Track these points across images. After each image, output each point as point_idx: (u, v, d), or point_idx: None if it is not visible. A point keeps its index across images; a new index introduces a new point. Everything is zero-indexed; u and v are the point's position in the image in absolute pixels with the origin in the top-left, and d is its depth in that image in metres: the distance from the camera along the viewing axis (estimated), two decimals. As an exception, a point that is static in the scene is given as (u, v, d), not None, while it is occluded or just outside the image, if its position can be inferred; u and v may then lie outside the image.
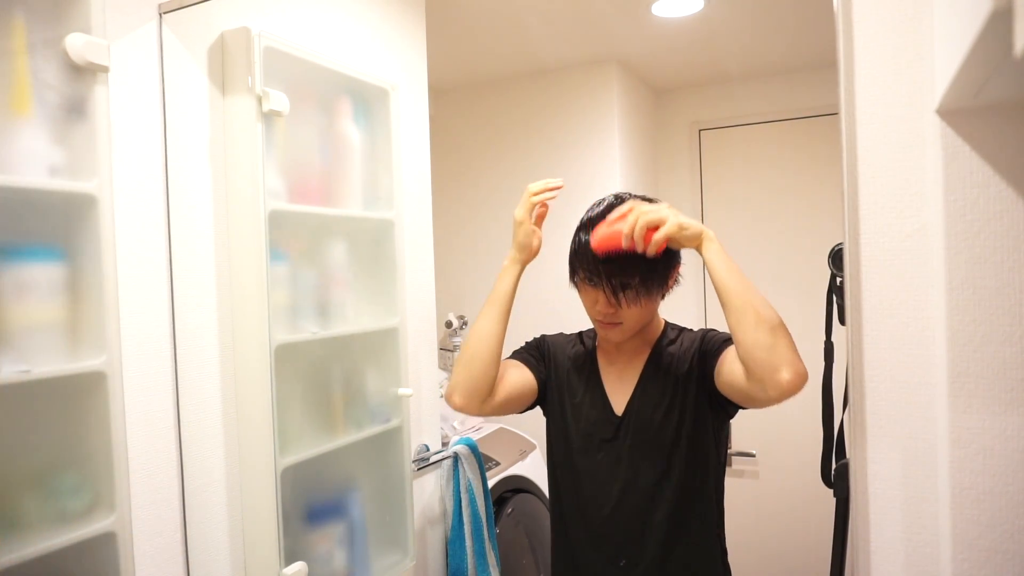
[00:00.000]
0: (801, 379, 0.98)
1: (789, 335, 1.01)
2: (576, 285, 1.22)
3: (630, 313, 1.16)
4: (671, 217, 1.05)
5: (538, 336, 1.36)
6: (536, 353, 1.32)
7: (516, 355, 1.33)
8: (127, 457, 1.07)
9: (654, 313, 1.23)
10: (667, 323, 1.29)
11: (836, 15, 0.93)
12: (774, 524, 2.45)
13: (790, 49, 2.32)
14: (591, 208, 1.21)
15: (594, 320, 1.22)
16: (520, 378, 1.27)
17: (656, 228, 1.05)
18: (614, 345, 1.26)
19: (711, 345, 1.16)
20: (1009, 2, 0.47)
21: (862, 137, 0.92)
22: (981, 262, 0.83)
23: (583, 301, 1.21)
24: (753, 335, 1.00)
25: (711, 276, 1.06)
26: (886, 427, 0.92)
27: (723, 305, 1.05)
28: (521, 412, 1.32)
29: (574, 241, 1.20)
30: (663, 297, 1.22)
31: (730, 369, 1.08)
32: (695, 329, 1.26)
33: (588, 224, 1.17)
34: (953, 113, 0.84)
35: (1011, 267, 0.83)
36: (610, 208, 1.16)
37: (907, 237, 0.91)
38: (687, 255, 1.17)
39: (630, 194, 1.20)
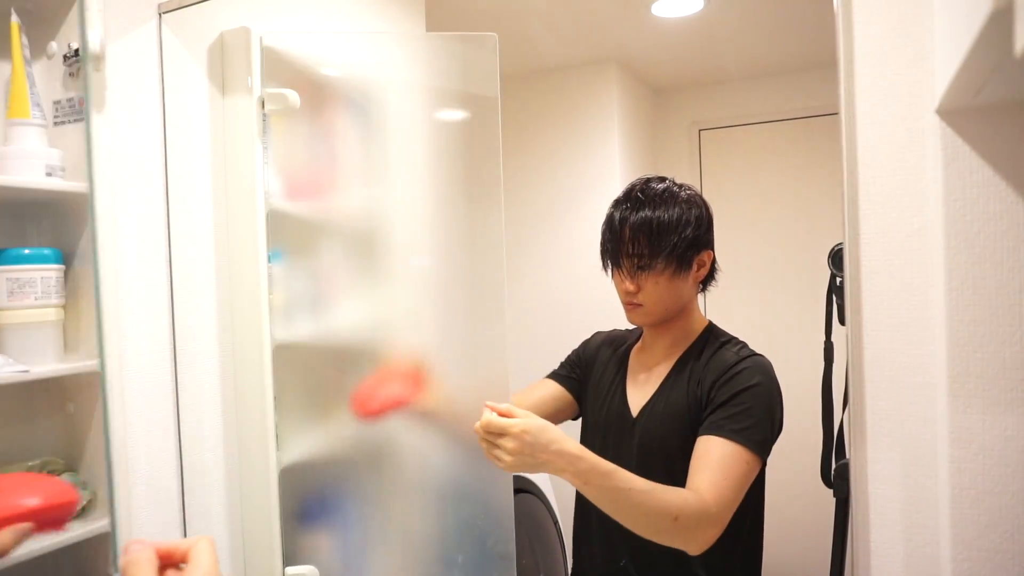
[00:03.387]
0: (708, 544, 0.99)
1: (675, 521, 0.97)
2: (607, 269, 1.22)
3: (649, 293, 1.14)
4: (507, 459, 0.95)
5: (583, 343, 1.37)
6: (569, 364, 1.34)
7: (552, 373, 1.36)
8: (127, 457, 1.07)
9: (680, 300, 1.18)
10: (712, 327, 1.22)
11: (836, 15, 0.93)
12: (774, 524, 2.45)
13: (790, 49, 2.32)
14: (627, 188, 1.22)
15: (622, 302, 1.21)
16: (551, 397, 1.29)
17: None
18: (651, 340, 1.25)
19: (715, 395, 1.10)
20: (1009, 2, 0.47)
21: (862, 137, 0.92)
22: (981, 262, 0.83)
23: (614, 283, 1.22)
24: (649, 536, 1.00)
25: None
26: (886, 427, 0.92)
27: None
28: (573, 419, 1.33)
29: (604, 223, 1.20)
30: (697, 287, 1.21)
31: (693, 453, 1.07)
32: (742, 346, 1.17)
33: (617, 204, 1.19)
34: (953, 113, 0.84)
35: (1011, 267, 0.83)
36: (633, 189, 1.18)
37: (907, 237, 0.90)
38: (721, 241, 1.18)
39: (661, 178, 1.21)
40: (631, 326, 1.30)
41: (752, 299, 2.53)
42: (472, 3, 1.95)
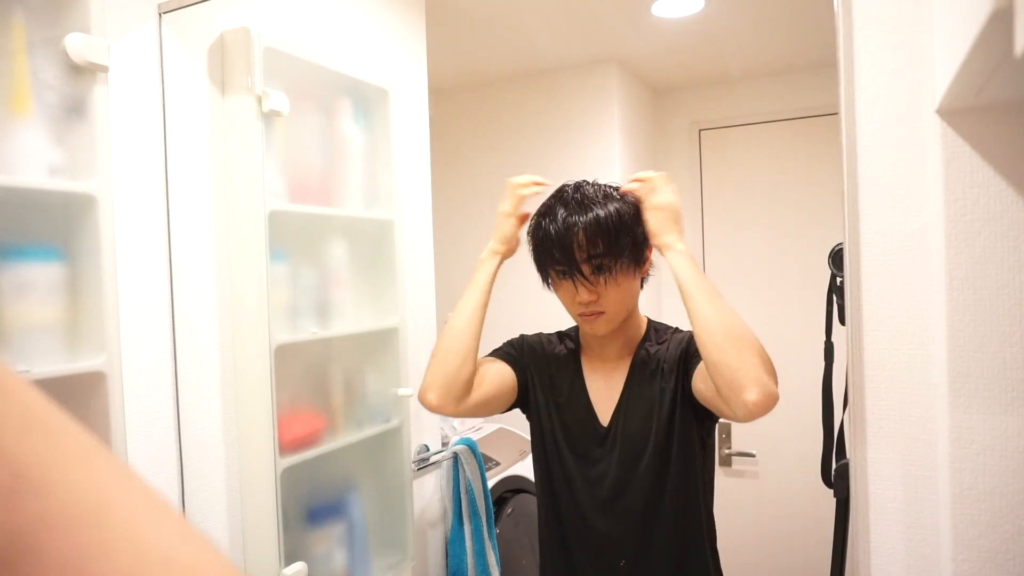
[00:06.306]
0: (769, 400, 0.94)
1: (761, 352, 0.98)
2: (551, 284, 1.18)
3: (611, 298, 1.11)
4: (661, 196, 1.09)
5: (516, 336, 1.31)
6: (516, 352, 1.26)
7: (495, 353, 1.27)
8: (127, 457, 1.06)
9: (635, 299, 1.18)
10: (651, 323, 1.24)
11: (836, 15, 0.93)
12: (774, 524, 2.45)
13: (790, 49, 2.32)
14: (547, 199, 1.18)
15: (576, 315, 1.17)
16: (499, 376, 1.21)
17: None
18: (598, 346, 1.21)
19: (694, 348, 1.10)
20: (1009, 2, 0.47)
21: (862, 137, 0.92)
22: (981, 262, 0.83)
23: (562, 299, 1.17)
24: (719, 353, 0.97)
25: (678, 286, 1.04)
26: (886, 427, 0.92)
27: (690, 318, 1.02)
28: (502, 412, 1.27)
29: (538, 236, 1.15)
30: (641, 282, 1.19)
31: (702, 380, 1.05)
32: (684, 330, 1.19)
33: (551, 211, 1.13)
34: (953, 113, 0.84)
35: (1011, 267, 0.83)
36: (561, 194, 1.16)
37: (907, 237, 0.91)
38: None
39: (587, 181, 1.17)
40: (551, 330, 1.29)
41: (752, 299, 2.53)
42: (472, 3, 1.95)
